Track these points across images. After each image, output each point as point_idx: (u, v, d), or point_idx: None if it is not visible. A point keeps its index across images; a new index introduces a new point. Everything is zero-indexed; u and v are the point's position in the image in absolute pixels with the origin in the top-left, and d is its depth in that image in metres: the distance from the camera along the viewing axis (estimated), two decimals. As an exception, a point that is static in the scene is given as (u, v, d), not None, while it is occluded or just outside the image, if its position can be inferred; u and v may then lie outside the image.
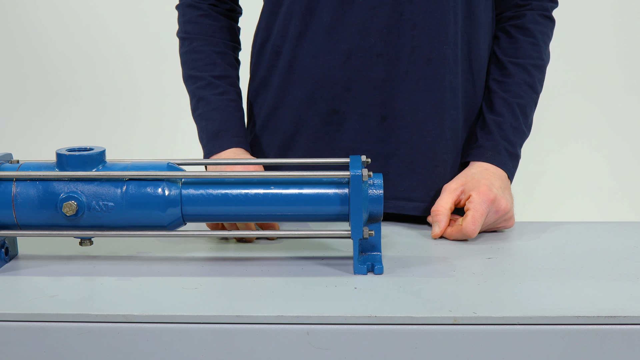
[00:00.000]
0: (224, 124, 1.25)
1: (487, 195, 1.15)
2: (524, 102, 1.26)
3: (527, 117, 1.27)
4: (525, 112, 1.26)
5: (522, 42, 1.27)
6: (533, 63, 1.27)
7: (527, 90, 1.26)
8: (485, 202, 1.14)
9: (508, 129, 1.24)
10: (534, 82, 1.27)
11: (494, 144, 1.23)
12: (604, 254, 1.07)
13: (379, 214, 1.01)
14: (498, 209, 1.15)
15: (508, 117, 1.25)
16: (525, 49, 1.27)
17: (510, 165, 1.24)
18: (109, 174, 0.99)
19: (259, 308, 0.89)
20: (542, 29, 1.29)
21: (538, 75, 1.28)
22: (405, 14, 1.19)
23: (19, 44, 2.78)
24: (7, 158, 1.04)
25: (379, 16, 1.19)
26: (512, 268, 1.02)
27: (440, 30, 1.21)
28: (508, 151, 1.23)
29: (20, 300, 0.93)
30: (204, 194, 1.00)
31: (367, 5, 1.19)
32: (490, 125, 1.25)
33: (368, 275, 1.00)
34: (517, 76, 1.26)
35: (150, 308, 0.90)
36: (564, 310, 0.88)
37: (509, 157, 1.23)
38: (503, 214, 1.16)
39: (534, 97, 1.28)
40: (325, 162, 1.07)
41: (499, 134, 1.24)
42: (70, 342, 0.88)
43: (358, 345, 0.87)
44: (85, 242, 1.02)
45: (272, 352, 0.88)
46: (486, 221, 1.15)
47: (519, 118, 1.25)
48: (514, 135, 1.25)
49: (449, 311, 0.88)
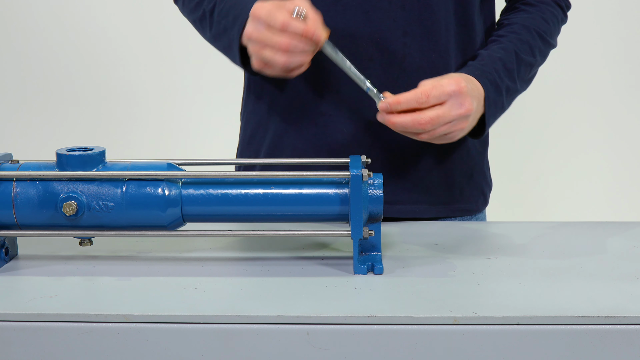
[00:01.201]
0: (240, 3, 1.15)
1: (457, 81, 1.08)
2: (522, 54, 1.20)
3: (520, 67, 1.20)
4: (520, 61, 1.20)
5: (531, 13, 1.25)
6: (538, 30, 1.23)
7: (526, 48, 1.21)
8: (454, 84, 1.07)
9: (498, 64, 1.17)
10: (534, 46, 1.22)
11: (482, 67, 1.16)
12: (604, 254, 1.07)
13: (379, 214, 1.01)
14: (462, 104, 1.08)
15: (501, 55, 1.19)
16: (533, 19, 1.24)
17: (492, 95, 1.15)
18: (109, 174, 0.99)
19: (259, 308, 0.89)
20: (553, 10, 1.27)
21: (540, 43, 1.23)
22: (398, 20, 1.18)
23: (19, 44, 2.78)
24: (7, 158, 1.04)
25: (371, 21, 1.18)
26: (512, 268, 1.02)
27: (430, 38, 1.19)
28: (494, 83, 1.16)
29: (20, 300, 0.93)
30: (204, 194, 1.00)
31: (360, 9, 1.18)
32: (482, 53, 1.20)
33: (368, 275, 1.00)
34: (519, 33, 1.22)
35: (150, 308, 0.90)
36: (564, 310, 0.88)
37: (492, 88, 1.15)
38: (465, 112, 1.08)
39: (530, 59, 1.22)
40: (326, 162, 1.07)
41: (490, 62, 1.17)
42: (70, 342, 0.88)
43: (358, 345, 0.87)
44: (85, 242, 1.02)
45: (272, 352, 0.88)
46: (446, 111, 1.07)
47: (512, 65, 1.19)
48: (504, 72, 1.17)
49: (449, 311, 0.88)
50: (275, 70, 1.09)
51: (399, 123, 1.07)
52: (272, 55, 1.06)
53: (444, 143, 1.13)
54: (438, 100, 1.07)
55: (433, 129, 1.07)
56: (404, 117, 1.07)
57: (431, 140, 1.10)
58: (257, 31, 1.07)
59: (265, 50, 1.07)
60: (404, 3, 1.18)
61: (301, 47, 1.05)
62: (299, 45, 1.05)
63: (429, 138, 1.09)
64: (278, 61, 1.06)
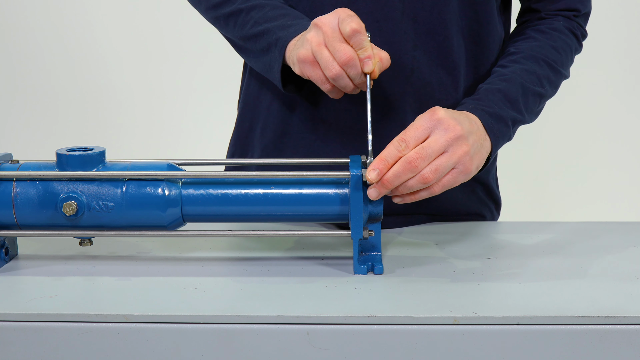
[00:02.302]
0: (295, 18, 1.10)
1: (430, 113, 0.99)
2: (528, 84, 1.13)
3: (527, 98, 1.13)
4: (527, 91, 1.13)
5: (540, 41, 1.19)
6: (547, 60, 1.17)
7: (533, 78, 1.14)
8: (429, 119, 0.98)
9: (497, 95, 1.10)
10: (542, 76, 1.15)
11: (477, 102, 1.09)
12: (604, 254, 1.07)
13: (379, 214, 1.01)
14: (447, 128, 0.97)
15: (500, 85, 1.12)
16: (542, 47, 1.18)
17: (491, 123, 1.06)
18: (109, 174, 0.99)
19: (259, 308, 0.89)
20: (566, 39, 1.21)
21: (549, 73, 1.16)
22: (409, 32, 1.14)
23: (19, 44, 2.78)
24: (7, 158, 1.04)
25: (382, 31, 1.14)
26: (512, 268, 1.02)
27: (440, 53, 1.16)
28: (493, 114, 1.07)
29: (20, 300, 0.93)
30: (204, 194, 1.00)
31: (372, 18, 1.14)
32: (479, 89, 1.13)
33: (368, 275, 1.00)
34: (524, 64, 1.15)
35: (150, 308, 0.90)
36: (564, 310, 0.88)
37: (489, 116, 1.07)
38: (455, 135, 0.97)
39: (539, 90, 1.15)
40: (326, 162, 1.07)
41: (486, 95, 1.10)
42: (70, 342, 0.88)
43: (358, 345, 0.87)
44: (85, 242, 1.02)
45: (272, 352, 0.88)
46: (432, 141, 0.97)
47: (517, 95, 1.12)
48: (504, 102, 1.10)
49: (449, 311, 0.88)
50: (318, 76, 1.02)
51: (391, 174, 0.95)
52: (327, 57, 1.00)
53: (463, 181, 1.01)
54: (418, 139, 0.97)
55: (429, 167, 0.96)
56: (394, 167, 0.96)
57: (445, 184, 0.98)
58: (327, 27, 1.00)
59: (323, 50, 1.00)
60: (416, 16, 1.14)
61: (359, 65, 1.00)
62: (357, 62, 0.99)
63: (435, 178, 0.97)
64: (331, 68, 1.00)
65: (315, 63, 1.02)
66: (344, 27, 0.99)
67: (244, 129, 1.29)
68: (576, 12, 1.24)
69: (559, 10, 1.24)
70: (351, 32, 0.99)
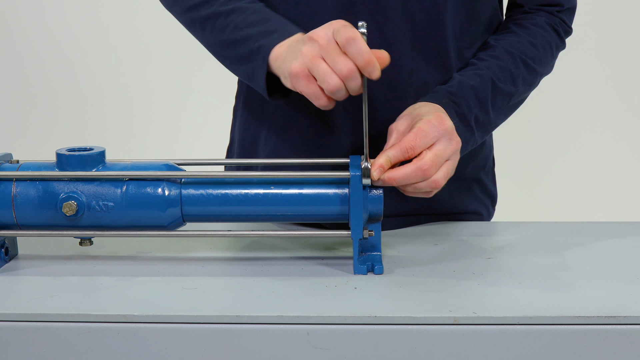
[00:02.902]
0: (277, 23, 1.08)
1: (439, 120, 1.01)
2: (499, 83, 1.13)
3: (496, 98, 1.13)
4: (497, 90, 1.13)
5: (520, 36, 1.19)
6: (523, 57, 1.17)
7: (506, 76, 1.14)
8: (438, 126, 1.00)
9: (469, 92, 1.11)
10: (516, 75, 1.15)
11: (451, 95, 1.09)
12: (604, 254, 1.07)
13: (379, 214, 1.01)
14: (452, 138, 1.01)
15: (475, 82, 1.12)
16: (520, 43, 1.18)
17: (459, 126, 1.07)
18: (109, 174, 0.99)
19: (259, 308, 0.89)
20: (546, 35, 1.21)
21: (524, 71, 1.16)
22: (407, 33, 1.15)
23: (19, 44, 2.78)
24: (7, 158, 1.04)
25: (381, 31, 1.14)
26: (512, 268, 1.02)
27: (438, 55, 1.16)
28: (461, 114, 1.08)
29: (20, 300, 0.93)
30: (204, 194, 1.00)
31: (371, 19, 1.13)
32: (454, 79, 1.13)
33: (368, 275, 1.00)
34: (501, 59, 1.15)
35: (150, 308, 0.90)
36: (564, 310, 0.88)
37: (459, 119, 1.08)
38: (456, 147, 1.02)
39: (510, 89, 1.14)
40: (326, 162, 1.07)
41: (460, 90, 1.11)
42: (70, 342, 0.88)
43: (358, 345, 0.87)
44: (85, 242, 1.02)
45: (272, 352, 0.88)
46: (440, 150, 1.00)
47: (487, 94, 1.12)
48: (474, 102, 1.11)
49: (449, 311, 0.88)
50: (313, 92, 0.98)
51: (401, 177, 0.98)
52: (325, 70, 0.96)
53: None
54: (425, 146, 1.00)
55: (439, 173, 1.00)
56: (406, 168, 0.98)
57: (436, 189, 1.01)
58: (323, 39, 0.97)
59: (320, 63, 0.96)
60: (415, 17, 1.14)
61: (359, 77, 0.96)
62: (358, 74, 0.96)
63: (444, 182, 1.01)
64: (329, 82, 0.96)
65: (309, 77, 0.98)
66: (340, 37, 0.96)
67: (248, 137, 1.28)
68: (559, 7, 1.23)
69: (542, 5, 1.23)
70: (347, 40, 0.95)
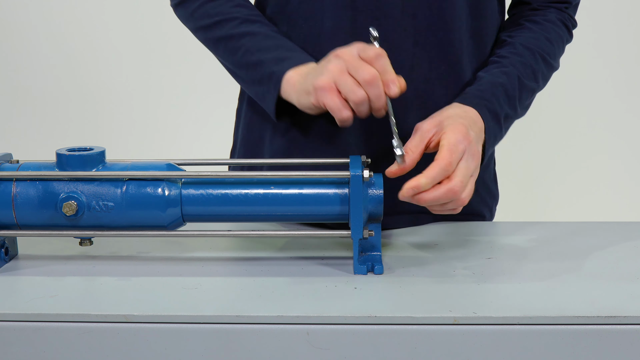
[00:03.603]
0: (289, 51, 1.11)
1: (464, 134, 1.02)
2: (525, 80, 1.15)
3: (522, 94, 1.15)
4: (523, 87, 1.15)
5: (535, 32, 1.20)
6: (542, 53, 1.19)
7: (529, 72, 1.17)
8: (463, 140, 1.01)
9: (499, 90, 1.12)
10: (537, 70, 1.17)
11: (482, 94, 1.11)
12: (604, 254, 1.07)
13: (379, 214, 1.01)
14: (474, 154, 1.02)
15: (503, 80, 1.13)
16: (537, 39, 1.20)
17: (491, 125, 1.09)
18: (109, 174, 0.99)
19: (259, 308, 0.89)
20: (559, 30, 1.23)
21: (543, 67, 1.18)
22: (409, 29, 1.15)
23: (19, 44, 2.78)
24: (7, 158, 1.04)
25: (382, 28, 1.14)
26: (512, 268, 1.02)
27: (441, 50, 1.16)
28: (493, 112, 1.10)
29: (20, 300, 0.93)
30: (204, 194, 1.00)
31: (372, 16, 1.14)
32: (481, 78, 1.15)
33: (368, 275, 1.00)
34: (522, 55, 1.16)
35: (150, 308, 0.90)
36: (564, 310, 0.88)
37: (491, 117, 1.10)
38: (479, 161, 1.04)
39: (533, 85, 1.17)
40: (325, 162, 1.07)
41: (490, 88, 1.12)
42: (70, 342, 0.88)
43: (358, 345, 0.87)
44: (85, 242, 1.02)
45: (272, 352, 0.88)
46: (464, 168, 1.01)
47: (515, 91, 1.14)
48: (504, 100, 1.12)
49: (449, 311, 0.88)
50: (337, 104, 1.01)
51: (433, 198, 0.98)
52: (351, 82, 1.00)
53: None
54: (458, 160, 1.01)
55: (466, 192, 1.00)
56: (437, 191, 0.98)
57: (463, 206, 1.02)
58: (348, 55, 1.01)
59: (347, 76, 1.00)
60: (416, 12, 1.14)
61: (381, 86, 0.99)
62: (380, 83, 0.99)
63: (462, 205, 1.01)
64: (356, 92, 0.99)
65: (335, 91, 1.01)
66: (367, 53, 1.00)
67: (254, 138, 1.28)
68: (567, 4, 1.26)
69: (550, 3, 1.25)
70: (375, 55, 1.00)
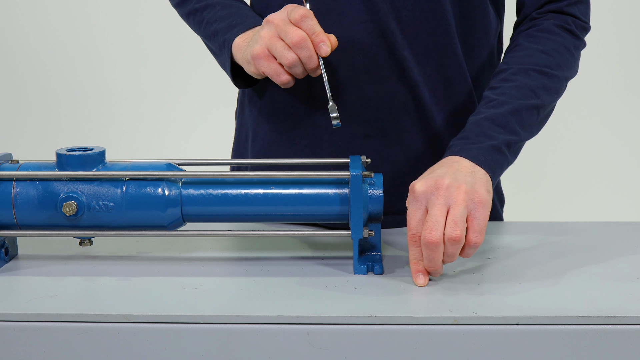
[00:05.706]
0: (240, 17, 1.15)
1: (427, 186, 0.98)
2: (520, 100, 1.09)
3: (521, 115, 1.09)
4: (519, 109, 1.09)
5: (528, 49, 1.15)
6: (538, 68, 1.12)
7: (524, 92, 1.11)
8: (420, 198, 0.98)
9: (485, 124, 1.07)
10: (535, 87, 1.11)
11: (465, 137, 1.07)
12: (604, 254, 1.07)
13: (379, 214, 1.01)
14: (484, 204, 0.98)
15: (488, 113, 1.08)
16: (530, 56, 1.13)
17: (481, 154, 1.04)
18: (109, 174, 0.99)
19: (259, 308, 0.89)
20: (557, 38, 1.16)
21: (543, 80, 1.12)
22: (396, 32, 1.14)
23: (19, 44, 2.78)
24: (7, 158, 1.04)
25: (369, 31, 1.14)
26: (512, 268, 1.02)
27: (430, 52, 1.16)
28: (477, 147, 1.05)
29: (20, 300, 0.93)
30: (204, 194, 1.00)
31: (359, 19, 1.14)
32: (468, 121, 1.10)
33: (368, 275, 1.00)
34: (513, 80, 1.11)
35: (150, 308, 0.90)
36: (564, 310, 0.88)
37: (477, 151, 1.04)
38: (488, 209, 0.99)
39: (534, 102, 1.10)
40: (325, 162, 1.07)
41: (474, 129, 1.07)
42: (70, 342, 0.88)
43: (358, 345, 0.87)
44: (85, 242, 1.02)
45: (272, 352, 0.88)
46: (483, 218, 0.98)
47: (506, 117, 1.08)
48: (492, 129, 1.06)
49: (449, 311, 0.88)
50: (274, 70, 1.04)
51: (430, 266, 0.96)
52: (282, 46, 1.02)
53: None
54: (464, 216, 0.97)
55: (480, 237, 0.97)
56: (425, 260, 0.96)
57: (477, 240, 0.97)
58: (278, 20, 1.04)
59: (277, 41, 1.03)
60: (403, 16, 1.14)
61: (311, 47, 1.02)
62: (309, 44, 1.02)
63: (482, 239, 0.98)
64: (287, 56, 1.02)
65: (270, 57, 1.04)
66: (293, 15, 1.03)
67: (242, 138, 1.29)
68: (566, 2, 1.18)
69: (546, 4, 1.19)
70: (300, 17, 1.02)
